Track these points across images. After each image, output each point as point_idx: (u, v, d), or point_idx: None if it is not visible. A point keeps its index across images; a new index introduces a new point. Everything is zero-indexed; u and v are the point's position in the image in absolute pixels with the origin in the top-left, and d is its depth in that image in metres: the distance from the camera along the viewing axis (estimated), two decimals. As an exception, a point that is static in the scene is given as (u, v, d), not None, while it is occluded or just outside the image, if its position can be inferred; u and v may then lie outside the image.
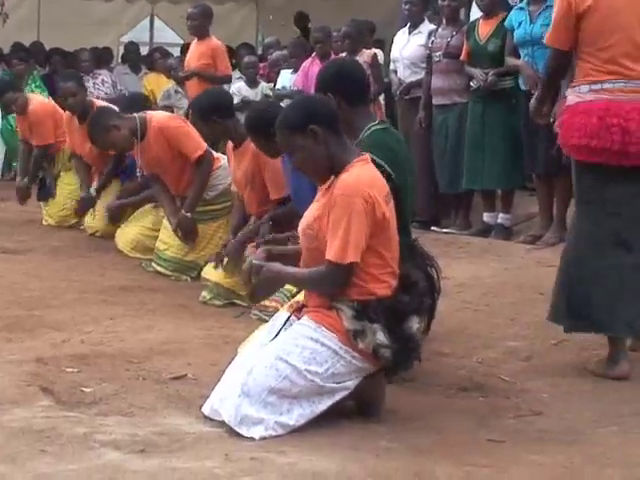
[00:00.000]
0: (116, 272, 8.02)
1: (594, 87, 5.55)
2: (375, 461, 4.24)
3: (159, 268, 8.10)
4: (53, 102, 10.83)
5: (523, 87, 9.13)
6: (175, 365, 5.52)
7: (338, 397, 4.65)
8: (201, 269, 7.59)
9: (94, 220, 9.69)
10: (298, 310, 4.85)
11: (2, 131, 13.67)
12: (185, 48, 13.39)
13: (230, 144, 7.56)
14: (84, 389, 5.08)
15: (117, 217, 9.19)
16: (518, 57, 9.15)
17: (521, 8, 9.18)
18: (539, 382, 5.41)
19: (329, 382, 4.61)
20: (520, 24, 9.08)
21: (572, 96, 5.66)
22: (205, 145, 8.11)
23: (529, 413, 4.95)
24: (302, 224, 4.86)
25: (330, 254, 4.57)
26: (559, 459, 4.33)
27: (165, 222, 8.24)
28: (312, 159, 4.76)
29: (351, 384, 4.67)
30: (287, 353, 4.60)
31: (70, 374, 5.33)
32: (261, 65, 13.09)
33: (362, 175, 4.66)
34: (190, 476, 3.98)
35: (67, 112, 9.96)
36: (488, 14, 9.54)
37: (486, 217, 9.79)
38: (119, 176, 9.78)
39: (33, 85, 14.02)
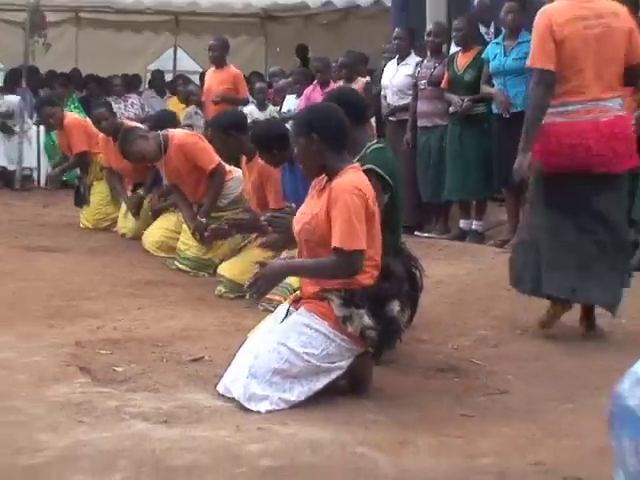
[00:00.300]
0: (143, 269, 8.04)
1: (558, 109, 5.66)
2: (364, 432, 4.27)
3: (180, 266, 8.12)
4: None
5: (495, 111, 9.18)
6: (194, 349, 5.54)
7: (333, 375, 4.68)
8: (216, 266, 7.61)
9: (126, 223, 9.73)
10: (296, 302, 4.87)
11: (46, 146, 13.68)
12: (202, 75, 13.42)
13: (244, 158, 7.61)
14: (116, 368, 5.11)
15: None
16: (492, 86, 9.20)
17: (497, 43, 9.24)
18: (505, 365, 5.42)
19: (324, 362, 4.63)
20: (495, 56, 9.13)
21: (546, 118, 5.73)
22: (218, 159, 8.12)
23: (496, 392, 4.97)
24: (300, 220, 4.88)
25: (338, 242, 4.56)
26: (522, 431, 4.35)
27: (185, 226, 8.27)
28: (307, 158, 4.83)
29: (344, 364, 4.68)
30: (287, 338, 4.64)
31: (104, 356, 5.37)
32: (269, 91, 13.10)
33: (354, 179, 4.70)
34: (206, 443, 4.00)
35: (102, 134, 10.02)
36: (465, 48, 9.58)
37: (462, 224, 9.82)
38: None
39: (72, 106, 14.02)
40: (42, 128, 13.65)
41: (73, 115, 11.02)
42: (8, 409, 4.40)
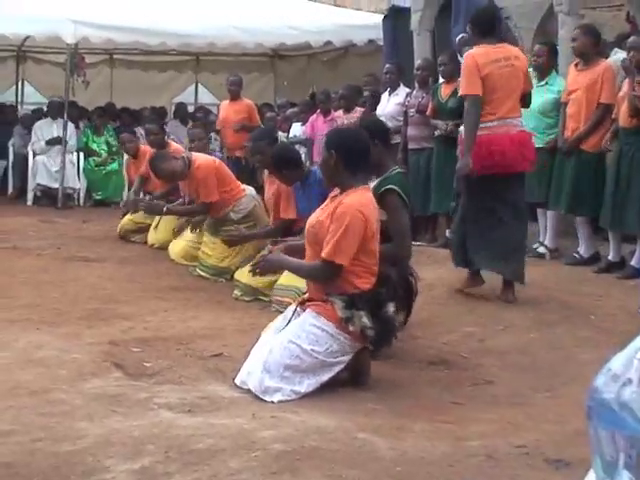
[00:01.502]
0: (169, 276, 7.96)
1: (482, 125, 6.54)
2: (365, 419, 4.23)
3: (201, 272, 8.04)
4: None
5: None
6: (214, 346, 5.49)
7: (336, 369, 4.66)
8: (233, 273, 7.54)
9: (156, 235, 9.65)
10: (303, 303, 4.85)
11: (84, 169, 13.66)
12: (218, 107, 13.45)
13: (266, 171, 7.56)
14: (146, 364, 5.07)
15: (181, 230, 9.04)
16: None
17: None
18: (490, 358, 5.37)
19: (329, 358, 4.62)
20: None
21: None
22: (216, 197, 8.04)
23: (483, 382, 4.93)
24: (309, 221, 4.93)
25: (325, 253, 4.63)
26: (506, 417, 4.31)
27: (205, 238, 8.20)
28: (325, 170, 4.93)
29: (345, 359, 4.68)
30: (297, 337, 4.63)
31: (135, 353, 5.32)
32: (277, 119, 13.07)
33: (362, 200, 4.69)
34: (225, 430, 3.95)
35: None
36: (448, 80, 9.53)
37: (448, 233, 9.72)
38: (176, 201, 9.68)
39: (107, 135, 14.01)
40: (82, 153, 13.63)
41: (145, 148, 10.74)
42: (51, 401, 4.36)
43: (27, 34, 13.75)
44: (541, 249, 8.65)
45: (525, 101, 6.86)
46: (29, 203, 13.45)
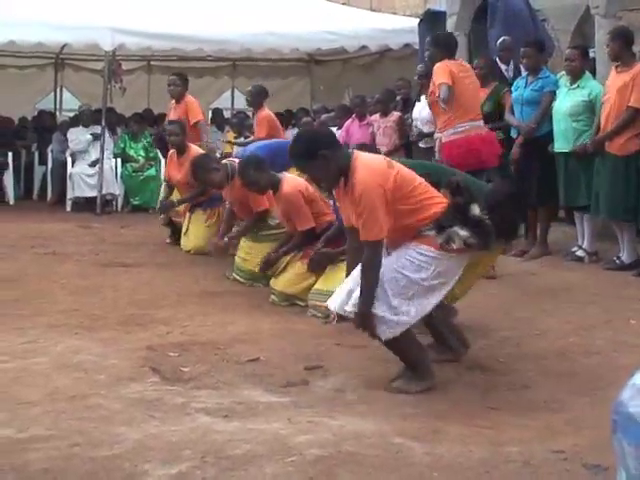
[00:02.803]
0: (206, 281, 7.97)
1: (456, 129, 7.96)
2: (403, 423, 4.21)
3: (238, 277, 8.05)
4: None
5: (514, 135, 9.09)
6: (251, 350, 5.49)
7: (443, 292, 4.75)
8: (269, 278, 7.55)
9: (187, 242, 9.69)
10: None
11: (122, 175, 13.74)
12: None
13: (271, 192, 7.52)
14: (183, 369, 5.08)
15: (221, 252, 8.61)
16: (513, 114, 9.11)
17: (523, 77, 9.13)
18: (527, 363, 5.32)
19: (436, 280, 4.66)
20: (517, 88, 9.06)
21: (445, 135, 8.07)
22: (267, 204, 7.96)
23: (519, 387, 4.87)
24: (346, 221, 4.96)
25: (362, 237, 4.61)
26: (543, 422, 4.27)
27: (243, 242, 8.21)
28: (328, 172, 4.75)
29: (452, 282, 4.76)
30: (402, 267, 4.64)
31: (173, 358, 5.33)
32: (313, 124, 13.08)
33: (365, 168, 4.63)
34: (261, 435, 3.95)
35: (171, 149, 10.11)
36: (483, 83, 9.50)
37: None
38: (202, 204, 9.69)
39: (145, 141, 14.09)
40: (119, 159, 13.72)
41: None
42: (89, 406, 4.38)
43: (65, 42, 13.88)
44: (580, 252, 8.60)
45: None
46: (68, 209, 13.56)
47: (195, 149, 9.85)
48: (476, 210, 4.66)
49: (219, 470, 3.58)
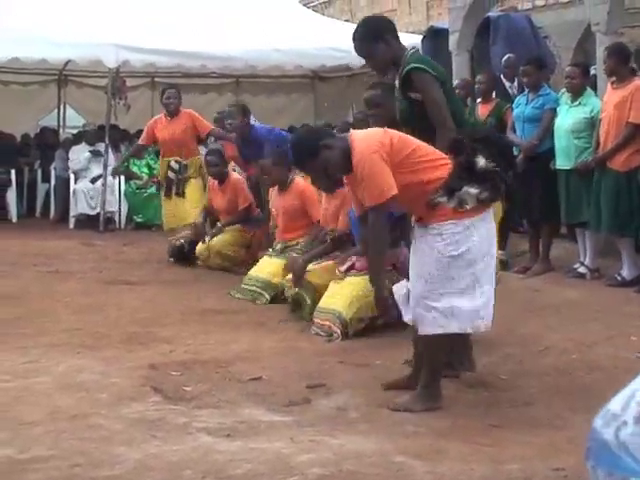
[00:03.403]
0: (209, 299, 7.98)
1: None
2: (404, 441, 4.21)
3: (247, 287, 8.01)
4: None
5: (516, 153, 9.11)
6: (253, 369, 5.49)
7: (491, 270, 4.70)
8: (275, 294, 7.60)
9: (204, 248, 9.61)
10: (419, 220, 4.73)
11: (126, 192, 13.77)
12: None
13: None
14: (185, 388, 5.08)
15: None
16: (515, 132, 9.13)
17: (524, 94, 9.16)
18: (529, 380, 5.33)
19: (470, 268, 4.58)
20: (519, 105, 9.09)
21: None
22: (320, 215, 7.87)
23: (521, 404, 4.88)
24: (359, 208, 4.92)
25: (367, 203, 4.63)
26: (545, 439, 4.27)
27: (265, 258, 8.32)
28: (336, 163, 4.75)
29: (493, 251, 4.69)
30: (430, 275, 4.61)
31: (175, 376, 5.34)
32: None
33: (361, 141, 4.65)
34: (263, 454, 3.95)
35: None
36: (485, 99, 9.55)
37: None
38: (245, 225, 9.68)
39: (148, 158, 14.12)
40: (122, 177, 13.75)
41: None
42: (90, 426, 4.39)
43: (69, 58, 13.92)
44: (582, 269, 8.61)
45: None
46: (71, 227, 13.60)
47: (235, 175, 9.89)
48: (482, 162, 4.58)
49: (220, 490, 3.59)
